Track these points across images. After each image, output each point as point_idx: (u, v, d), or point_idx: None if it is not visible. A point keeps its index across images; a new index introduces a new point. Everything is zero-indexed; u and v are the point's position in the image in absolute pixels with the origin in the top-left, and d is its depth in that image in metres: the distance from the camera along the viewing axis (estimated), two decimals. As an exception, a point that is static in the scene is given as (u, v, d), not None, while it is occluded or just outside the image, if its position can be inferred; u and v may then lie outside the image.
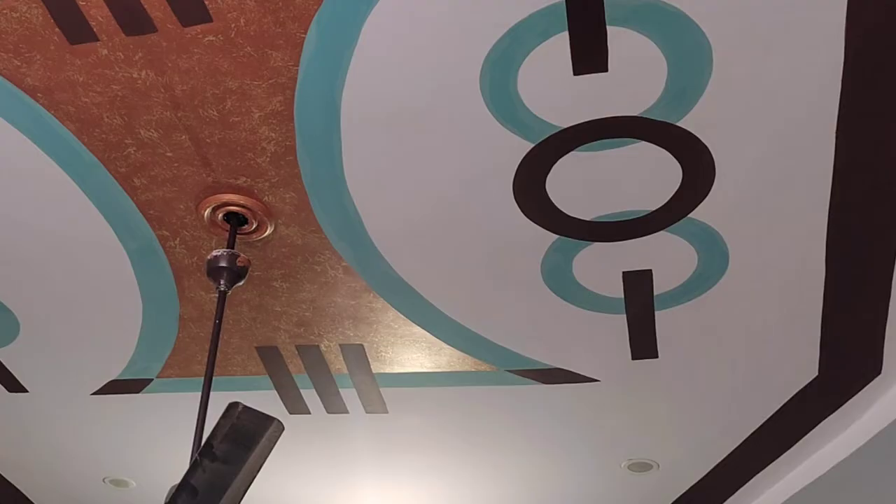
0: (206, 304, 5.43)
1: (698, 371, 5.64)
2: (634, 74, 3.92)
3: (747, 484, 6.74)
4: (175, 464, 6.84)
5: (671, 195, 4.49)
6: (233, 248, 4.73)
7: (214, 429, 3.88)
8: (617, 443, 6.47)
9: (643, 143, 4.23)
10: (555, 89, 4.00)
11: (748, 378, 5.66)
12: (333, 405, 6.28)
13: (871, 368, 5.47)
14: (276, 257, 5.03)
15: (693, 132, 4.15)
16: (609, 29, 3.74)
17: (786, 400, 5.82)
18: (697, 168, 4.33)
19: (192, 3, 3.75)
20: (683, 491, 6.97)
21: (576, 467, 6.78)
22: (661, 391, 5.86)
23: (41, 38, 3.94)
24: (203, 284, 5.26)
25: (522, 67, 3.92)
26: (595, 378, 5.79)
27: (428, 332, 5.50)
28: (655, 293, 5.08)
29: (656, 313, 5.21)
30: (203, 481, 4.01)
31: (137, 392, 6.30)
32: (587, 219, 4.65)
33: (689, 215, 4.59)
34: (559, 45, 3.81)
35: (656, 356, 5.53)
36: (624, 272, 4.96)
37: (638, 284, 5.02)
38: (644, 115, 4.09)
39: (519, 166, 4.38)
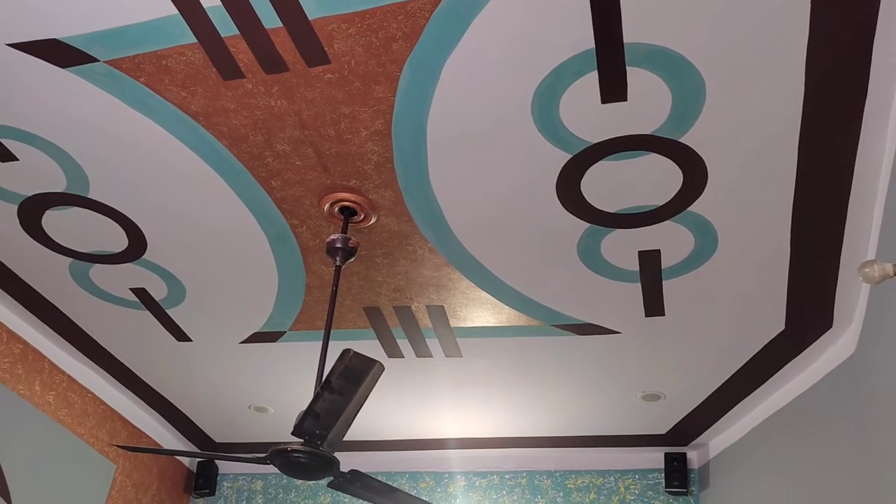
0: (325, 276, 5.47)
1: (695, 325, 5.62)
2: (647, 103, 3.94)
3: (732, 410, 6.69)
4: (302, 395, 6.89)
5: (674, 194, 4.50)
6: (346, 233, 4.78)
7: (332, 369, 3.94)
8: (634, 379, 6.44)
9: (653, 154, 4.24)
10: (587, 114, 4.03)
11: (732, 330, 5.64)
12: (421, 351, 6.29)
13: (824, 324, 5.43)
14: (378, 240, 5.06)
15: (691, 146, 4.16)
16: (628, 69, 3.76)
17: (760, 347, 5.78)
18: (694, 173, 4.33)
19: (316, 50, 3.81)
20: (684, 415, 6.93)
21: (602, 397, 6.76)
22: (668, 340, 5.83)
23: (202, 75, 4.01)
24: (323, 260, 5.29)
25: (563, 97, 3.94)
26: (617, 331, 5.78)
27: (492, 296, 5.52)
28: (663, 267, 5.07)
29: (663, 282, 5.20)
30: (323, 408, 4.06)
31: (274, 341, 6.34)
32: (611, 211, 4.66)
33: (688, 209, 4.59)
34: (591, 81, 3.84)
35: (664, 314, 5.52)
36: (639, 251, 4.96)
37: (649, 260, 5.02)
38: (654, 134, 4.10)
39: (560, 172, 4.40)
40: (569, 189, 4.53)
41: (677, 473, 7.33)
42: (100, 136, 4.46)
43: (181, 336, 6.39)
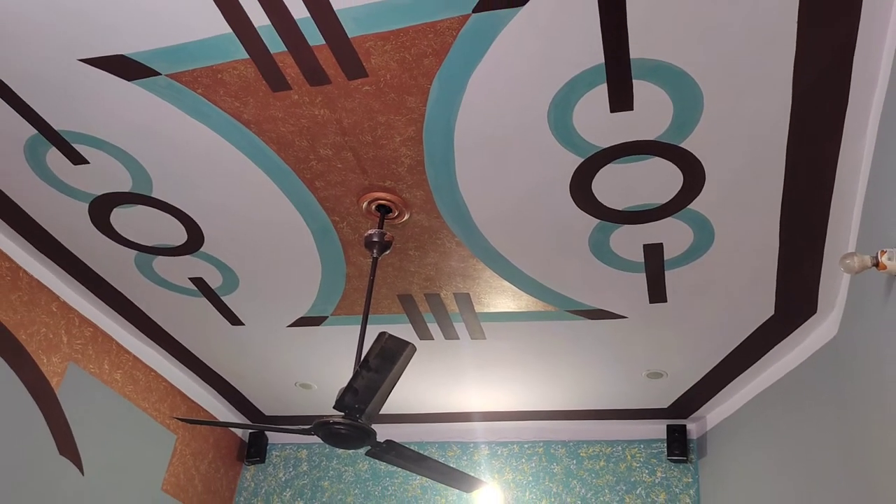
0: (363, 266, 5.48)
1: (694, 311, 5.61)
2: (651, 112, 3.95)
3: (727, 386, 6.66)
4: (342, 373, 6.95)
5: (675, 193, 4.50)
6: (382, 228, 4.80)
7: (369, 350, 3.96)
8: (639, 359, 6.43)
9: (657, 158, 4.24)
10: (598, 122, 4.04)
11: (726, 315, 5.62)
12: (449, 334, 6.29)
13: (809, 309, 5.41)
14: (410, 235, 5.08)
15: (691, 151, 4.16)
16: (634, 82, 3.77)
17: (752, 330, 5.75)
18: (693, 175, 4.33)
19: (355, 65, 3.84)
20: (684, 391, 6.90)
21: (611, 375, 6.74)
22: (669, 324, 5.82)
23: (253, 87, 4.04)
24: (362, 253, 5.31)
25: (576, 107, 3.95)
26: (624, 315, 5.78)
27: (513, 284, 5.52)
28: (665, 259, 5.06)
29: (666, 272, 5.19)
30: (362, 385, 4.09)
31: (318, 325, 6.35)
32: (619, 209, 4.66)
33: (688, 207, 4.58)
34: (601, 92, 3.86)
35: (666, 301, 5.51)
36: (644, 244, 4.96)
37: (653, 253, 5.02)
38: (657, 140, 4.11)
39: (573, 174, 4.41)
40: (581, 189, 4.53)
41: (678, 443, 7.34)
42: (162, 142, 4.50)
43: (235, 320, 6.42)
